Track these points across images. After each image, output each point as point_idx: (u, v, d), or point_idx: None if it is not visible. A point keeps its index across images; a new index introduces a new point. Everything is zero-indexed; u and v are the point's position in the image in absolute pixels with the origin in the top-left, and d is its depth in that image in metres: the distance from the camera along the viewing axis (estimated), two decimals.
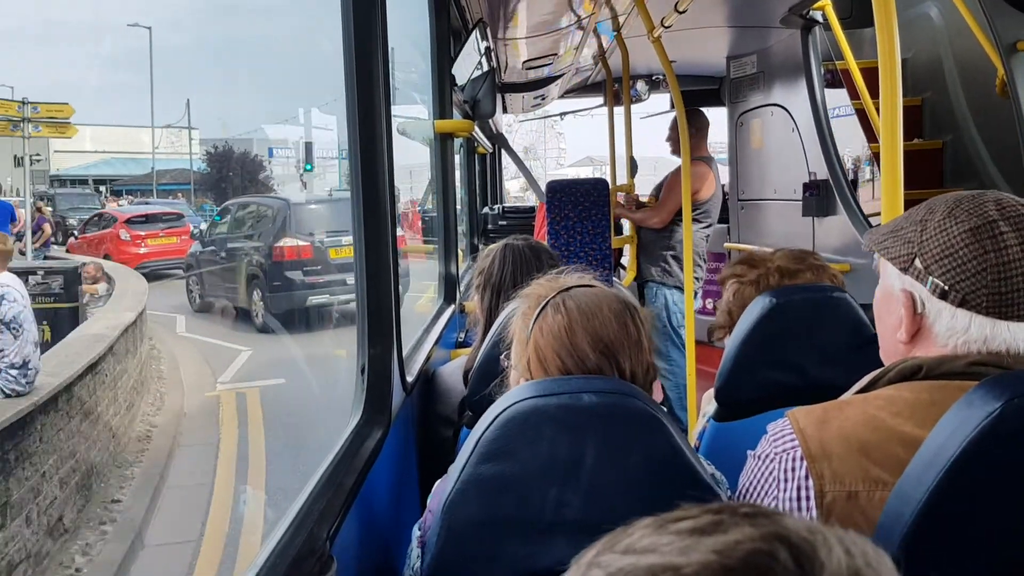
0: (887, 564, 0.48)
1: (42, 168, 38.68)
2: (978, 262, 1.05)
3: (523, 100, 7.75)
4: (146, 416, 7.73)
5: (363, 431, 1.68)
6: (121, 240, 16.34)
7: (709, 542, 0.47)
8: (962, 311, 1.07)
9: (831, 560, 0.46)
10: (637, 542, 0.49)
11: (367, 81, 1.71)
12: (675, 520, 0.50)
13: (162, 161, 34.57)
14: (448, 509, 1.15)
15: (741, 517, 0.49)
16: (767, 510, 0.50)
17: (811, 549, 0.46)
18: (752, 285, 1.92)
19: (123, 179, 35.21)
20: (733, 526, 0.48)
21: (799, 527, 0.48)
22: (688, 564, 0.46)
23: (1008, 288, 1.04)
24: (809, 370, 1.78)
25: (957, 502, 0.94)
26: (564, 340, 1.27)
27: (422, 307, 4.56)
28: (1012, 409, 0.92)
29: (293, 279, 11.51)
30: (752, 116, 5.22)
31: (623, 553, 0.49)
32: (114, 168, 36.63)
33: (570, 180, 4.95)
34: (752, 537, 0.47)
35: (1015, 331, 1.06)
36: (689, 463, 1.16)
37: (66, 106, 15.12)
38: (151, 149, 34.13)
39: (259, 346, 10.91)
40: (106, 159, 36.89)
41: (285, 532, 1.25)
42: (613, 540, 0.51)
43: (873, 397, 1.13)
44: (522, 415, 1.14)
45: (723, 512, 0.50)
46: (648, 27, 3.54)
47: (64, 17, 68.59)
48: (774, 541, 0.46)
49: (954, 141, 4.21)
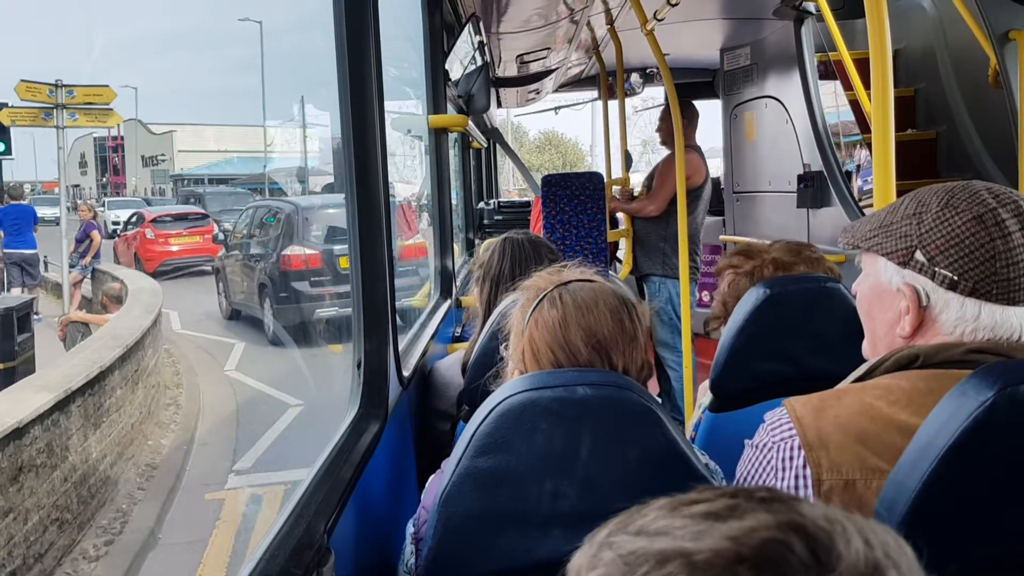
0: (908, 555, 0.46)
1: (164, 168, 38.49)
2: (986, 250, 1.05)
3: (517, 94, 7.73)
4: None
5: (360, 425, 1.69)
6: (147, 239, 16.49)
7: (723, 528, 0.46)
8: (972, 300, 1.07)
9: (849, 551, 0.44)
10: (650, 524, 0.48)
11: (360, 77, 1.71)
12: (690, 503, 0.49)
13: (276, 159, 34.30)
14: (445, 502, 1.15)
15: (757, 502, 0.47)
16: (784, 495, 0.49)
17: (828, 539, 0.45)
18: (747, 276, 1.93)
19: (241, 177, 34.78)
20: (749, 512, 0.46)
21: (816, 515, 0.46)
22: (700, 551, 0.44)
23: (1016, 273, 1.05)
24: (803, 360, 1.79)
25: (951, 490, 0.94)
26: (558, 334, 1.28)
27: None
28: (1005, 398, 0.92)
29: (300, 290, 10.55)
30: (746, 108, 5.22)
31: (635, 535, 0.48)
32: (234, 167, 36.53)
33: (565, 174, 4.95)
34: (768, 525, 0.45)
35: (1022, 316, 1.07)
36: (684, 454, 1.16)
37: (106, 89, 12.71)
38: (264, 148, 33.76)
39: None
40: (227, 158, 36.74)
41: (283, 524, 1.25)
42: (627, 520, 0.50)
43: (870, 386, 1.13)
44: (517, 408, 1.14)
45: (739, 496, 0.48)
46: (641, 20, 3.54)
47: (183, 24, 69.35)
48: (789, 530, 0.45)
49: (948, 131, 4.22)
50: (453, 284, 3.66)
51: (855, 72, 3.92)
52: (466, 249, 6.45)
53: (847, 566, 0.44)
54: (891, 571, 0.44)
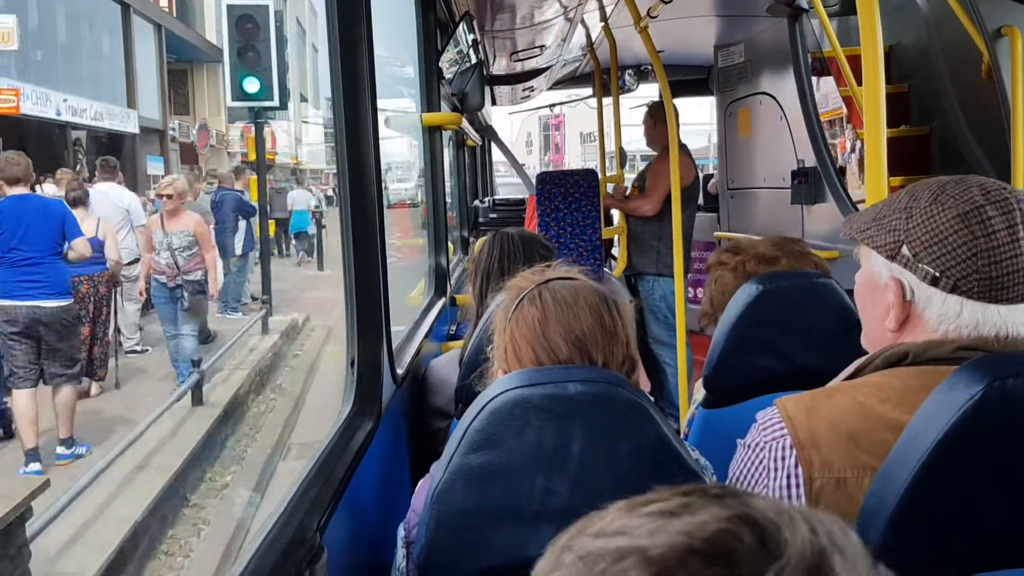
0: (853, 542, 0.48)
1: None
2: (968, 247, 1.05)
3: (512, 92, 7.73)
4: None
5: (353, 423, 1.69)
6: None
7: (677, 524, 0.47)
8: (953, 297, 1.07)
9: (795, 539, 0.46)
10: (608, 525, 0.50)
11: (353, 75, 1.72)
12: (646, 503, 0.50)
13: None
14: (437, 499, 1.15)
15: (710, 498, 0.49)
16: (736, 491, 0.50)
17: (775, 529, 0.46)
18: (732, 272, 1.93)
19: None
20: (701, 507, 0.48)
21: (766, 507, 0.48)
22: (655, 546, 0.46)
23: (998, 272, 1.04)
24: (795, 356, 1.79)
25: (940, 485, 0.95)
26: (537, 332, 1.28)
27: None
28: (993, 392, 0.93)
29: None
30: (740, 105, 5.22)
31: (595, 536, 0.49)
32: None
33: (560, 171, 4.95)
34: (719, 517, 0.47)
35: (1005, 314, 1.06)
36: (674, 450, 1.17)
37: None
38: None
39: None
40: None
41: (275, 522, 1.25)
42: (586, 523, 0.51)
43: (861, 384, 1.13)
44: (508, 405, 1.14)
45: (693, 494, 0.50)
46: (635, 17, 3.54)
47: None
48: (739, 522, 0.46)
49: (941, 127, 4.22)
50: (447, 282, 3.66)
51: (848, 69, 3.92)
52: (461, 247, 6.45)
53: (794, 552, 0.45)
54: (836, 556, 0.46)
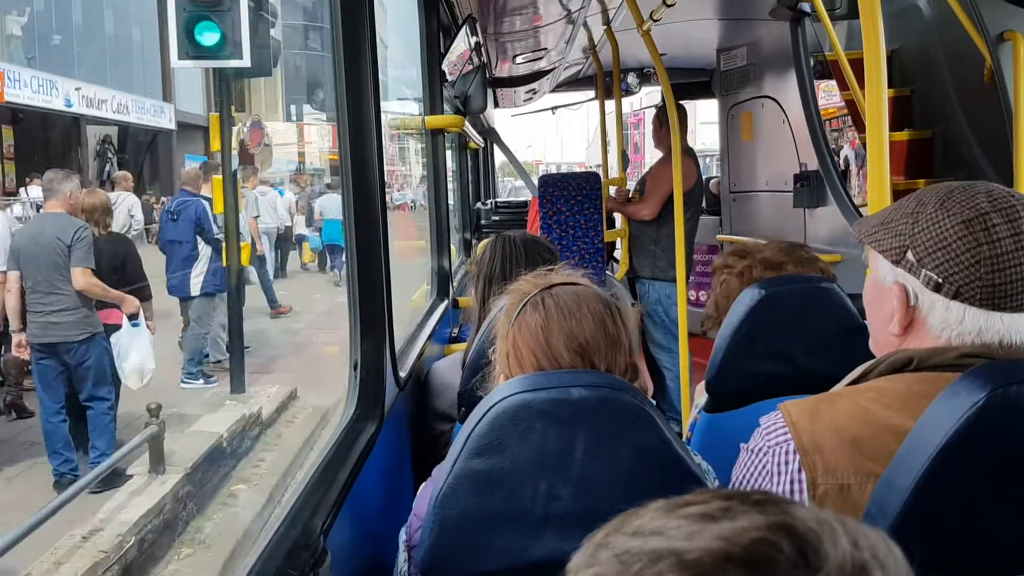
0: (896, 557, 0.47)
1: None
2: (971, 255, 1.04)
3: (514, 95, 7.74)
4: None
5: (356, 426, 1.69)
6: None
7: (715, 528, 0.46)
8: (956, 303, 1.07)
9: (836, 552, 0.45)
10: (646, 524, 0.49)
11: (356, 78, 1.72)
12: (685, 504, 0.50)
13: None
14: (440, 503, 1.15)
15: (751, 504, 0.48)
16: (778, 498, 0.50)
17: (816, 540, 0.45)
18: (738, 276, 1.93)
19: None
20: (742, 513, 0.47)
21: (807, 517, 0.47)
22: (691, 550, 0.45)
23: (1002, 280, 1.04)
24: (798, 361, 1.79)
25: (943, 491, 0.95)
26: (540, 338, 1.28)
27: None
28: (996, 399, 0.92)
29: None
30: (743, 108, 5.23)
31: (631, 535, 0.49)
32: None
33: (562, 174, 4.95)
34: (759, 525, 0.46)
35: (1008, 322, 1.06)
36: (677, 454, 1.17)
37: None
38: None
39: None
40: None
41: (280, 525, 1.25)
42: (623, 521, 0.51)
43: (864, 389, 1.13)
44: (512, 409, 1.14)
45: (733, 498, 0.49)
46: (638, 21, 3.54)
47: None
48: (779, 531, 0.46)
49: (944, 131, 4.21)
50: (450, 285, 3.66)
51: (851, 72, 3.92)
52: (463, 250, 6.45)
53: (833, 565, 0.44)
54: (877, 572, 0.45)
